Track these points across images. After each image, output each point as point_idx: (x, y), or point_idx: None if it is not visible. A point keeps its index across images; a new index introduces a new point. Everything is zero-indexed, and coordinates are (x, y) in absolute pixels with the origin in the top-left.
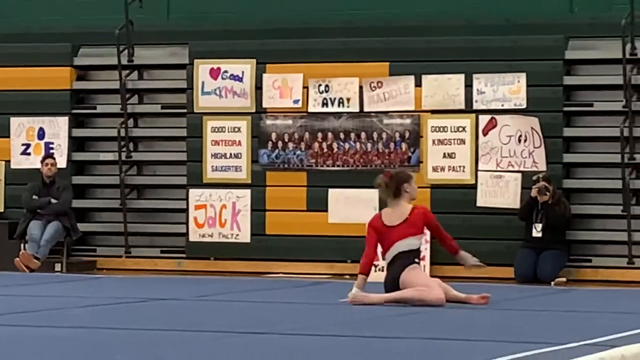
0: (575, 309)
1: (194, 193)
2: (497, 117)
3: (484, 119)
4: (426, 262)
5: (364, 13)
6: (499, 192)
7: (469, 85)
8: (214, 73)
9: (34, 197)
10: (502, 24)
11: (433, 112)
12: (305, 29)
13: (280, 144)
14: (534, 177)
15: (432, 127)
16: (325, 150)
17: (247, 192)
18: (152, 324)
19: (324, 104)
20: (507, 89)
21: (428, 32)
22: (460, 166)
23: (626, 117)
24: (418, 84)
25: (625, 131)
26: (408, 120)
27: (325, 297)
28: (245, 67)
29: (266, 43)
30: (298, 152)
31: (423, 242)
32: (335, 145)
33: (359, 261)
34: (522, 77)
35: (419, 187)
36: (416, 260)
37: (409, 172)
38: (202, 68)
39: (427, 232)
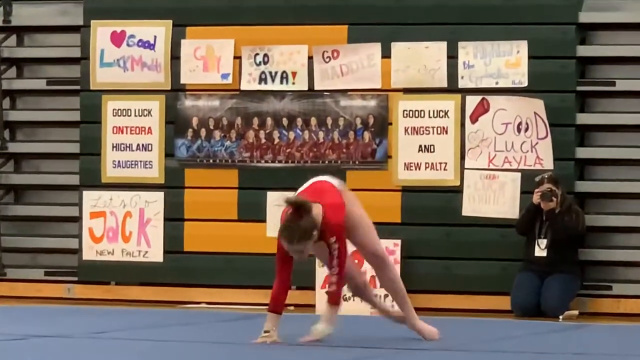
0: (590, 352)
1: (89, 196)
2: (489, 98)
3: (472, 101)
4: None
5: None
6: (492, 198)
7: (452, 57)
8: (117, 38)
9: None
10: None
11: (405, 91)
12: None
13: (203, 132)
14: (537, 178)
15: (405, 111)
16: (263, 140)
17: (159, 196)
18: None
19: (262, 80)
20: (502, 61)
21: None
22: (441, 163)
23: None
24: (386, 54)
25: None
26: (373, 102)
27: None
28: (158, 31)
29: None
30: (227, 143)
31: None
32: (276, 134)
33: (308, 288)
34: (523, 46)
35: (385, 190)
36: None
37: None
38: (101, 31)
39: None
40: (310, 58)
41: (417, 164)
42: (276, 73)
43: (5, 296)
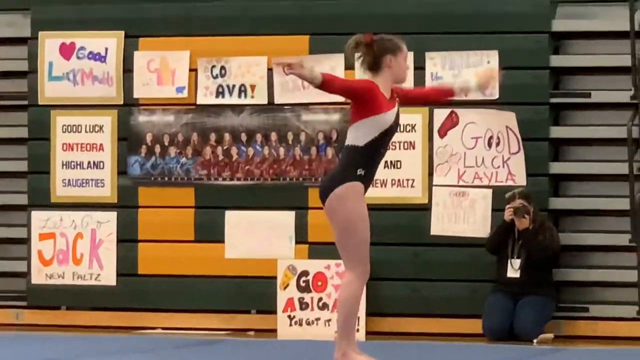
0: None
1: (37, 217)
2: (458, 111)
3: (440, 115)
4: (360, 313)
5: None
6: (462, 216)
7: (420, 68)
8: (66, 50)
9: None
10: None
11: None
12: None
13: (158, 148)
14: (508, 195)
15: None
16: (220, 157)
17: (112, 216)
18: None
19: (219, 94)
20: (472, 72)
21: None
22: (408, 180)
23: (635, 111)
24: (350, 65)
25: (635, 131)
26: (336, 116)
27: None
28: (109, 42)
29: (138, 8)
30: (183, 159)
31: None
32: (234, 150)
33: (268, 312)
34: (494, 57)
35: None
36: (358, 170)
37: (401, 43)
38: (50, 43)
39: None
40: (269, 70)
41: (383, 180)
42: (234, 86)
43: None
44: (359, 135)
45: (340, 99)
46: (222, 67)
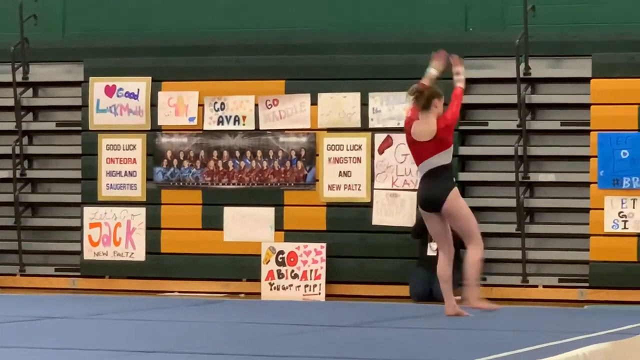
0: (471, 327)
1: (88, 211)
2: (393, 135)
3: (379, 138)
4: (321, 281)
5: (259, 31)
6: (395, 211)
7: (365, 104)
8: (109, 90)
9: None
10: (398, 42)
11: (329, 130)
12: (201, 46)
13: (175, 161)
14: None
15: (328, 145)
16: (220, 168)
17: (142, 210)
18: (47, 342)
19: (220, 122)
20: (402, 107)
21: (324, 50)
22: (356, 185)
23: (520, 135)
24: (314, 102)
25: (520, 150)
26: (304, 139)
27: (220, 316)
28: (140, 85)
29: (161, 60)
30: (193, 170)
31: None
32: (230, 163)
33: (255, 280)
34: None
35: (314, 205)
36: (453, 178)
37: (440, 91)
38: (97, 85)
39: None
40: (256, 105)
41: (338, 185)
42: (230, 117)
43: (25, 287)
44: (447, 157)
45: (307, 126)
46: (222, 103)
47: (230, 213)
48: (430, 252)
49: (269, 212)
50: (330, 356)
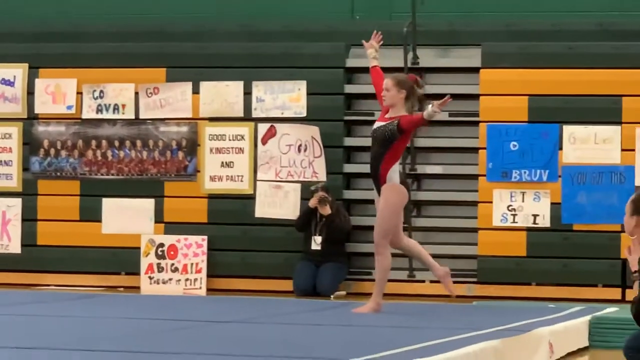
0: (354, 324)
1: None
2: (276, 125)
3: (263, 128)
4: (202, 275)
5: (139, 17)
6: (278, 203)
7: (248, 93)
8: None
9: None
10: (282, 30)
11: (211, 119)
12: (79, 32)
13: (52, 151)
14: (312, 187)
15: (210, 135)
16: (99, 158)
17: (17, 201)
18: None
19: (99, 111)
20: (287, 96)
21: (206, 38)
22: (238, 176)
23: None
24: (196, 90)
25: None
26: (185, 128)
27: (97, 310)
28: (16, 72)
29: (39, 47)
30: (71, 159)
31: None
32: (109, 153)
33: (134, 273)
34: (303, 85)
35: (195, 197)
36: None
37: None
38: None
39: None
40: (136, 93)
41: (220, 176)
42: (109, 105)
43: None
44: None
45: (189, 115)
46: (101, 91)
47: (108, 204)
48: (314, 246)
49: (148, 204)
50: (211, 352)
